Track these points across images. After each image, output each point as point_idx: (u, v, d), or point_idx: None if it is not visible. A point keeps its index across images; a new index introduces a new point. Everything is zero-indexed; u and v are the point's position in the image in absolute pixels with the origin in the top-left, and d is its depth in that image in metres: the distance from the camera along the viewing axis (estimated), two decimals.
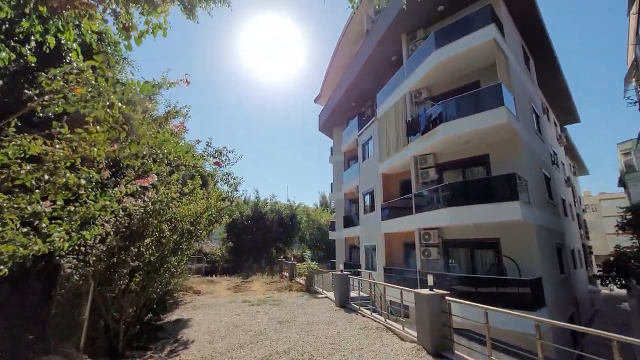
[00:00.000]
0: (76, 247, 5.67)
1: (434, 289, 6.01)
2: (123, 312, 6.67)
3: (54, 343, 6.00)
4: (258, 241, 26.78)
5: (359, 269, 16.23)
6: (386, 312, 8.02)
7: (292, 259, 24.49)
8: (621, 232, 18.00)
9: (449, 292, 6.07)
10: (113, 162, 6.58)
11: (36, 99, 2.43)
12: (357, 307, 9.40)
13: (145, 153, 2.96)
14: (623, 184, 23.10)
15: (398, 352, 5.63)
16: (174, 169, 8.73)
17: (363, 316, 8.59)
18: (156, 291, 7.67)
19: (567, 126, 22.79)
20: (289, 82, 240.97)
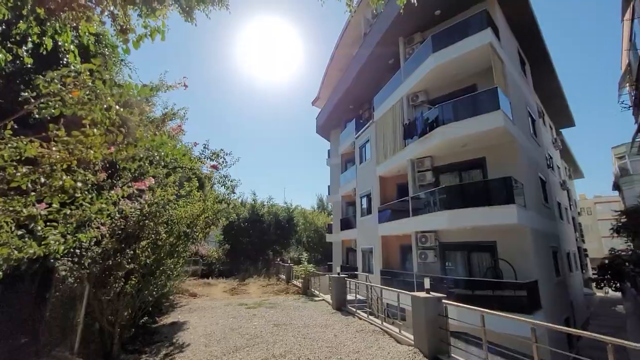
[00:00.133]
0: (71, 250, 5.62)
1: (431, 292, 6.02)
2: (118, 315, 6.61)
3: (47, 346, 5.94)
4: (255, 243, 26.67)
5: (356, 272, 16.20)
6: (383, 315, 8.00)
7: (289, 261, 24.43)
8: (616, 235, 18.17)
9: (445, 295, 6.07)
10: (109, 164, 6.54)
11: (33, 101, 2.42)
12: (354, 310, 9.38)
13: (142, 156, 2.95)
14: (618, 187, 23.33)
15: (394, 355, 5.62)
16: (170, 171, 8.70)
17: (360, 319, 8.57)
18: (152, 294, 7.61)
19: (563, 130, 23.00)
20: (286, 84, 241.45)
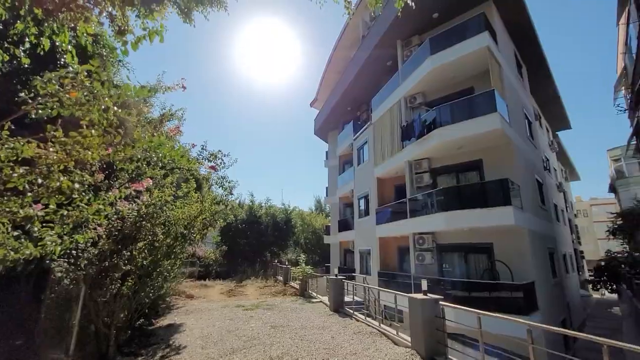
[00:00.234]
0: (67, 251, 5.58)
1: (428, 294, 6.03)
2: (114, 317, 6.56)
3: (42, 348, 5.89)
4: (252, 245, 26.62)
5: (353, 274, 16.17)
6: (380, 317, 8.00)
7: (286, 263, 24.39)
8: (612, 237, 18.32)
9: (442, 296, 6.09)
10: (106, 165, 6.51)
11: (30, 102, 2.41)
12: (352, 311, 9.38)
13: (140, 157, 2.94)
14: (613, 189, 23.50)
15: (392, 357, 5.62)
16: (168, 172, 8.68)
17: (357, 321, 8.57)
18: (148, 295, 7.56)
19: (559, 132, 23.15)
20: (284, 85, 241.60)
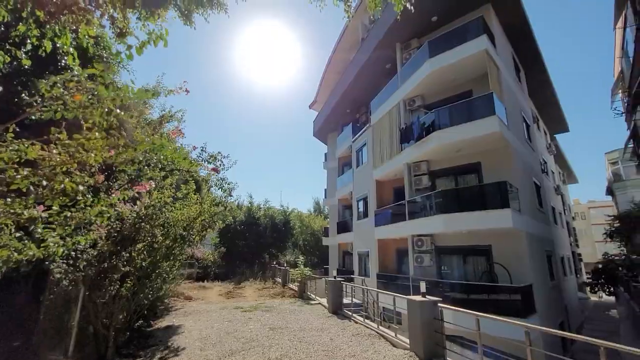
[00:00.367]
0: (66, 252, 5.58)
1: (427, 296, 6.05)
2: (113, 319, 6.55)
3: (41, 349, 5.87)
4: (251, 247, 26.58)
5: (352, 275, 16.20)
6: (379, 319, 8.02)
7: (285, 264, 24.34)
8: (609, 240, 18.40)
9: (441, 298, 6.11)
10: (105, 166, 6.52)
11: (36, 104, 2.43)
12: (350, 313, 9.38)
13: (141, 159, 2.96)
14: (611, 192, 23.61)
15: (390, 359, 5.63)
16: (167, 173, 8.69)
17: (356, 323, 8.57)
18: (147, 297, 7.55)
19: (557, 135, 23.28)
20: (284, 87, 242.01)
